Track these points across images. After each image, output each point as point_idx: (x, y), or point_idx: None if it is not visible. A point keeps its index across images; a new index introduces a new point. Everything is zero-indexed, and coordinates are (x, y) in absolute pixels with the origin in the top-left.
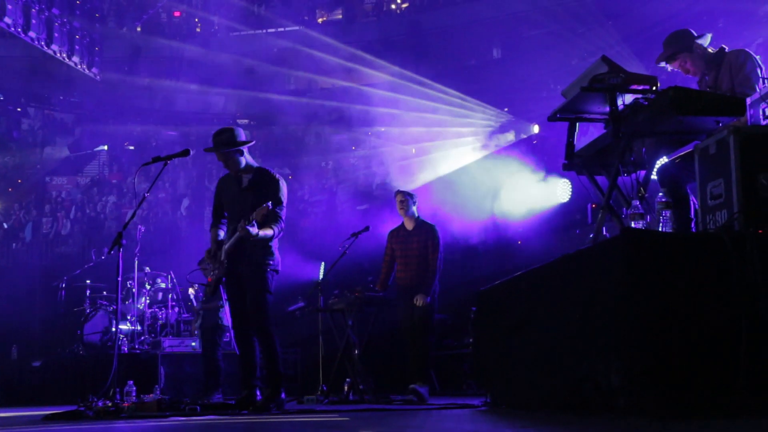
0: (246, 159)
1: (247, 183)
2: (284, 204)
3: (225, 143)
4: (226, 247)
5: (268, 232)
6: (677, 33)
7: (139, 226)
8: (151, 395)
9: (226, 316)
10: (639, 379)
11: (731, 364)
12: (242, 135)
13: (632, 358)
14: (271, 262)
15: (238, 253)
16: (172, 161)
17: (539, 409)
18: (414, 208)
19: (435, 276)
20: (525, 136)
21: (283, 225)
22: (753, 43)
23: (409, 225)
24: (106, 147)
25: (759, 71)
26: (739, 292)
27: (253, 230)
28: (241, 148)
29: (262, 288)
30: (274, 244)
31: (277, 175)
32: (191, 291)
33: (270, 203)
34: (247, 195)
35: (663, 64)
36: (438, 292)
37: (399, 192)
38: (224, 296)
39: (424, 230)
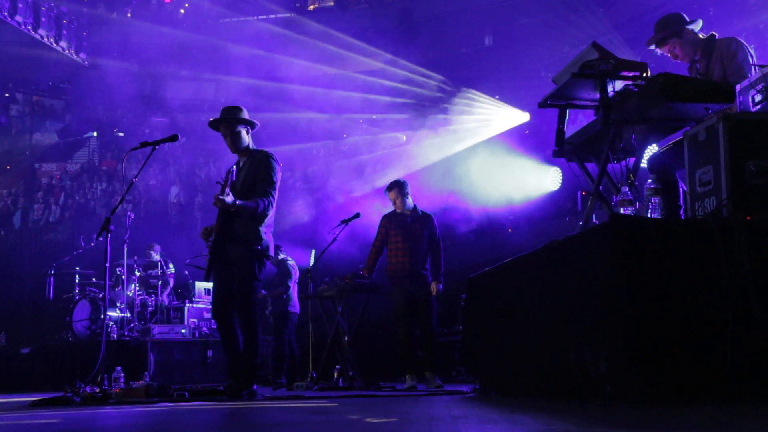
0: (248, 140)
1: (242, 164)
2: (276, 183)
3: (232, 116)
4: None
5: (250, 203)
6: (669, 17)
7: (129, 213)
8: (139, 381)
9: (293, 303)
10: (626, 366)
11: (718, 351)
12: (248, 116)
13: (620, 345)
14: (259, 247)
15: (226, 234)
16: (161, 147)
17: (528, 395)
18: (409, 198)
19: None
20: (516, 124)
21: (270, 202)
22: (743, 31)
23: (408, 212)
24: (95, 133)
25: (750, 59)
26: (727, 279)
27: (228, 198)
28: (247, 127)
29: (251, 273)
30: (264, 229)
31: (273, 156)
32: None
33: (233, 170)
34: (239, 174)
35: (652, 47)
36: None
37: (390, 190)
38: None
39: (427, 219)
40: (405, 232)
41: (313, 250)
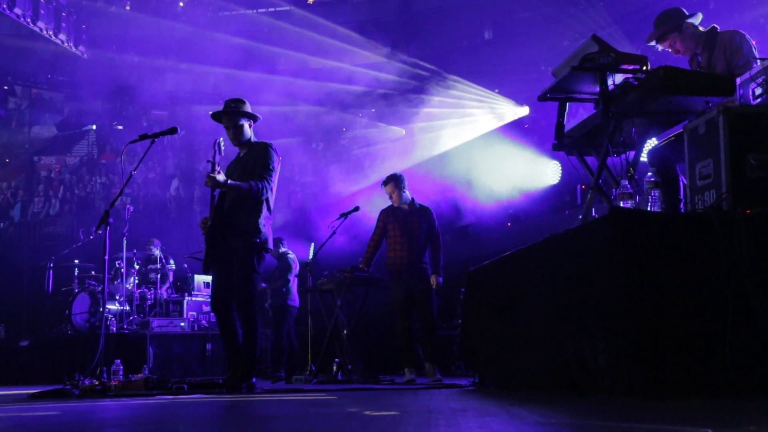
0: (250, 133)
1: (242, 155)
2: (273, 170)
3: (235, 108)
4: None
5: (243, 184)
6: (668, 12)
7: (128, 206)
8: (138, 374)
9: (292, 296)
10: (625, 359)
11: (717, 345)
12: (251, 109)
13: (618, 339)
14: (258, 240)
15: (226, 226)
16: (160, 140)
17: (527, 389)
18: (406, 192)
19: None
20: (516, 118)
21: (265, 186)
22: (743, 25)
23: (406, 206)
24: (94, 126)
25: (754, 51)
26: (726, 273)
27: (220, 177)
28: (250, 121)
29: (250, 266)
30: (263, 222)
31: (272, 146)
32: None
33: (219, 143)
34: (238, 166)
35: (653, 43)
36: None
37: (386, 184)
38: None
39: (425, 212)
40: (403, 226)
41: (312, 244)
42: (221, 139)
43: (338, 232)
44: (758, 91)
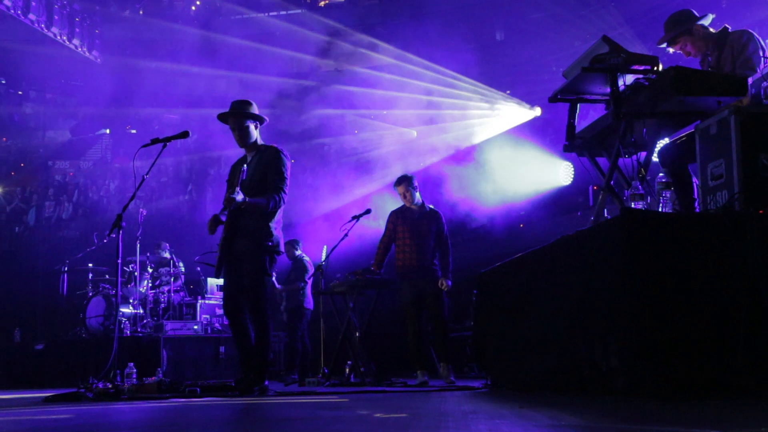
0: (256, 135)
1: (251, 159)
2: (286, 178)
3: (241, 110)
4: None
5: (260, 200)
6: (678, 14)
7: (141, 210)
8: (152, 377)
9: (307, 299)
10: (637, 360)
11: (730, 345)
12: (258, 111)
13: (631, 339)
14: (269, 243)
15: (236, 231)
16: (173, 144)
17: (539, 390)
18: (417, 192)
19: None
20: (528, 119)
21: (282, 198)
22: (757, 24)
23: (415, 208)
24: (107, 131)
25: (761, 52)
26: (739, 273)
27: (239, 197)
28: (256, 122)
29: (261, 269)
30: (274, 225)
31: (283, 152)
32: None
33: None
34: (248, 167)
35: (664, 45)
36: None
37: (399, 185)
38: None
39: (434, 215)
40: (412, 228)
41: (325, 246)
42: (245, 165)
43: (350, 234)
44: None
